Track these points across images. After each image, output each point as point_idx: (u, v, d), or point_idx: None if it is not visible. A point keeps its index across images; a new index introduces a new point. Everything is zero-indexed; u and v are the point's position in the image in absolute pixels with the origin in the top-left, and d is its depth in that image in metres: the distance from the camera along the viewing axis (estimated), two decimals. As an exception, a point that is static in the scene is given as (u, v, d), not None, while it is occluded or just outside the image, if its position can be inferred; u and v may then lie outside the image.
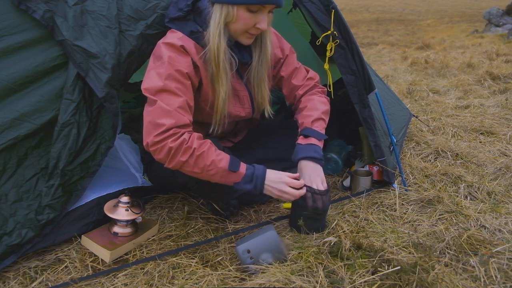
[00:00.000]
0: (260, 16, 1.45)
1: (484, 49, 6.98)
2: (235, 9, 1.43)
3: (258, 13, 1.44)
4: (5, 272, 1.45)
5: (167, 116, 1.38)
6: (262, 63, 1.62)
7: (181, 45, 1.46)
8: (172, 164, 1.42)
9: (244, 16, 1.44)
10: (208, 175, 1.46)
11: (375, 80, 2.12)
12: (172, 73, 1.43)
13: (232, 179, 1.47)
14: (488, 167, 2.29)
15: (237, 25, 1.47)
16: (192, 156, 1.40)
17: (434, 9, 22.53)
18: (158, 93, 1.41)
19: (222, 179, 1.47)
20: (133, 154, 2.01)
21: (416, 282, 1.28)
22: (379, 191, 2.04)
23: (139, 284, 1.40)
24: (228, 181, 1.48)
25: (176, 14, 1.52)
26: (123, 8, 1.58)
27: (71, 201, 1.57)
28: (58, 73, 1.53)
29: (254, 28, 1.48)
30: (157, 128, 1.38)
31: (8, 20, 1.47)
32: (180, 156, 1.39)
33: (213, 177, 1.47)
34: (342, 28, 1.85)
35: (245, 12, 1.43)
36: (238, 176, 1.47)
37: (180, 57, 1.46)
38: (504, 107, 3.54)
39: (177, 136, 1.39)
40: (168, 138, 1.38)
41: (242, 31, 1.49)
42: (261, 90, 1.68)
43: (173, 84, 1.42)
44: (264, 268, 1.40)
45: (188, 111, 1.46)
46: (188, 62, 1.47)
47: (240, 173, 1.46)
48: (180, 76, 1.45)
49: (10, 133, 1.45)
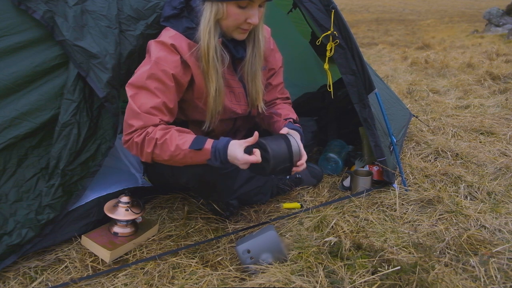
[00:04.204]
0: (250, 11, 1.47)
1: (484, 49, 6.98)
2: (224, 6, 1.45)
3: (248, 8, 1.46)
4: (5, 272, 1.45)
5: (137, 117, 1.45)
6: (256, 57, 1.64)
7: (172, 44, 1.49)
8: (144, 157, 1.48)
9: (234, 12, 1.46)
10: (179, 160, 1.46)
11: (375, 80, 2.12)
12: (155, 72, 1.46)
13: (202, 158, 1.46)
14: (488, 167, 2.29)
15: (228, 22, 1.49)
16: (156, 146, 1.44)
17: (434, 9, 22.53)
18: (137, 89, 1.46)
19: (194, 159, 1.46)
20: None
21: (416, 282, 1.28)
22: (379, 191, 2.04)
23: (139, 284, 1.40)
24: (201, 160, 1.46)
25: (171, 12, 1.54)
26: (123, 8, 1.58)
27: (71, 201, 1.57)
28: (57, 72, 1.53)
29: (246, 23, 1.49)
30: (127, 129, 1.48)
31: (8, 20, 1.47)
32: (146, 148, 1.45)
33: (185, 161, 1.47)
34: (342, 28, 1.85)
35: (235, 8, 1.45)
36: (206, 153, 1.45)
37: (168, 57, 1.48)
38: (504, 107, 3.54)
39: (141, 131, 1.45)
40: (133, 134, 1.46)
41: (234, 27, 1.51)
42: (255, 84, 1.69)
43: (153, 84, 1.46)
44: (264, 268, 1.40)
45: (163, 111, 1.49)
46: (176, 62, 1.49)
47: (206, 149, 1.45)
48: (164, 77, 1.47)
49: (10, 132, 1.45)
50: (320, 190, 2.13)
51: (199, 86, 1.58)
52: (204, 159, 1.46)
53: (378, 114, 2.07)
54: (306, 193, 2.10)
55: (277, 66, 1.85)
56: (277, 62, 1.85)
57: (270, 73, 1.84)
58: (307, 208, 1.88)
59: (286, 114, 1.78)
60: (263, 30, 1.63)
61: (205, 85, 1.58)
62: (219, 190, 1.69)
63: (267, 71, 1.82)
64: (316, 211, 1.87)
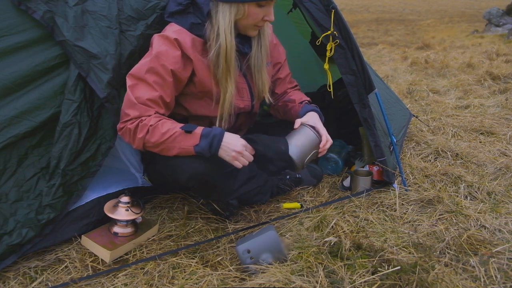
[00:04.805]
0: (268, 9, 1.53)
1: (484, 49, 6.98)
2: (245, 6, 1.50)
3: (266, 6, 1.52)
4: (5, 272, 1.45)
5: (133, 107, 1.48)
6: (261, 50, 1.69)
7: (175, 38, 1.51)
8: (135, 143, 1.51)
9: (254, 12, 1.51)
10: (168, 145, 1.48)
11: (375, 80, 2.12)
12: (155, 66, 1.49)
13: (190, 142, 1.47)
14: (488, 167, 2.29)
15: (247, 21, 1.54)
16: (148, 131, 1.47)
17: (434, 9, 22.52)
18: (136, 81, 1.50)
19: (182, 144, 1.47)
20: (133, 154, 2.01)
21: (416, 282, 1.28)
22: (379, 191, 2.04)
23: (139, 284, 1.40)
24: (188, 145, 1.48)
25: (176, 8, 1.57)
26: (124, 8, 1.58)
27: (71, 201, 1.57)
28: (57, 72, 1.54)
29: (262, 21, 1.55)
30: (123, 117, 1.51)
31: (8, 20, 1.47)
32: (138, 134, 1.48)
33: (173, 145, 1.48)
34: (342, 28, 1.85)
35: (255, 8, 1.51)
36: (195, 137, 1.47)
37: (169, 52, 1.51)
38: (504, 107, 3.54)
39: (135, 120, 1.49)
40: (127, 122, 1.50)
41: (252, 25, 1.56)
42: (261, 76, 1.73)
43: (152, 77, 1.49)
44: (264, 268, 1.40)
45: (159, 104, 1.52)
46: (176, 58, 1.52)
47: (195, 133, 1.47)
48: (163, 71, 1.50)
49: (10, 131, 1.45)
50: (320, 190, 2.13)
51: (201, 80, 1.61)
52: (192, 144, 1.47)
53: (378, 114, 2.07)
54: (306, 193, 2.10)
55: (282, 59, 1.91)
56: (281, 56, 1.91)
57: (276, 68, 1.90)
58: (307, 208, 1.88)
59: (299, 98, 1.84)
60: (268, 24, 1.68)
61: (215, 82, 1.61)
62: (219, 190, 1.69)
63: (271, 66, 1.85)
64: (316, 211, 1.87)
